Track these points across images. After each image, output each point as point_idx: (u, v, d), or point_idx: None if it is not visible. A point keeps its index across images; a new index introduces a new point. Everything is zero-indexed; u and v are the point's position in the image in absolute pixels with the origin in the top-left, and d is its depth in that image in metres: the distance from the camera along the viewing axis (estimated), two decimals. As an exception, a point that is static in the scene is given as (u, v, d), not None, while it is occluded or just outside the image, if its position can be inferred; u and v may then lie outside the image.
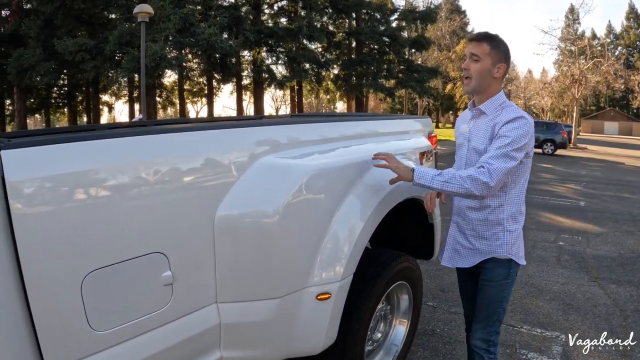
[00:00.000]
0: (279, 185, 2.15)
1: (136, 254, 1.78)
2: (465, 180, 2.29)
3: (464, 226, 2.64)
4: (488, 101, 2.52)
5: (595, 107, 75.23)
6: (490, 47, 2.45)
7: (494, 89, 2.52)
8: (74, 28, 22.42)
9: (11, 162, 1.49)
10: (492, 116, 2.49)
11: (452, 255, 2.73)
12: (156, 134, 1.94)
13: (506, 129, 2.35)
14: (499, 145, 2.33)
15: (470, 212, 2.58)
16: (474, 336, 2.71)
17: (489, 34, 2.50)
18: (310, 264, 2.27)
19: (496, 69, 2.47)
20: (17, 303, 1.52)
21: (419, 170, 2.37)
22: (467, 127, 2.64)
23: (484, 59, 2.44)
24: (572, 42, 38.11)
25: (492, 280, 2.59)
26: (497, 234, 2.54)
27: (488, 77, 2.48)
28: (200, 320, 2.04)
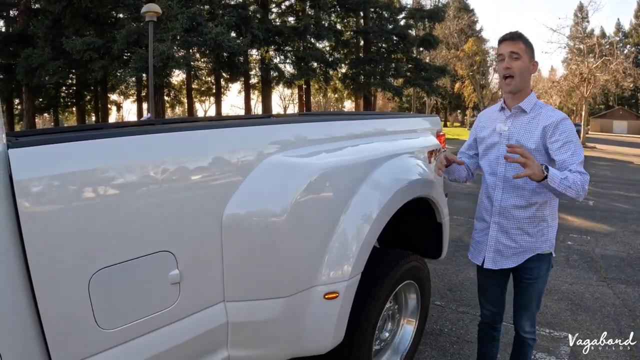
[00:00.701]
0: (286, 184, 2.14)
1: (144, 252, 1.78)
2: (581, 187, 2.34)
3: (508, 226, 2.65)
4: (526, 99, 2.59)
5: (604, 105, 74.84)
6: (525, 45, 2.52)
7: (529, 87, 2.62)
8: (82, 27, 22.49)
9: (19, 161, 1.50)
10: (532, 114, 2.57)
11: (495, 256, 2.73)
12: (164, 133, 1.94)
13: (566, 134, 2.45)
14: (572, 152, 2.42)
15: (516, 210, 2.62)
16: (524, 329, 2.81)
17: (519, 33, 2.58)
18: (318, 263, 2.26)
19: (532, 65, 2.57)
20: (24, 301, 1.52)
21: (552, 172, 2.34)
22: (505, 126, 2.66)
23: (523, 56, 2.51)
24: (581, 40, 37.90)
25: (539, 276, 2.68)
26: (542, 230, 2.62)
27: (527, 74, 2.56)
28: (207, 319, 2.04)
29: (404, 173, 2.83)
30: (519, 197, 2.60)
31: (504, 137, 2.64)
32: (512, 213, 2.62)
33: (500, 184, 2.66)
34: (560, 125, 2.46)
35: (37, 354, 1.57)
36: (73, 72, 26.60)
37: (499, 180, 2.66)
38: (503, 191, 2.65)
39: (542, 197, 2.57)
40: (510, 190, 2.62)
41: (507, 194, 2.64)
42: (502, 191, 2.65)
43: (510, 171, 2.60)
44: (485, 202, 2.76)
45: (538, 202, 2.58)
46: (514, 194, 2.62)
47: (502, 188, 2.65)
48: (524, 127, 2.58)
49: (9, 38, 24.70)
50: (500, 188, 2.66)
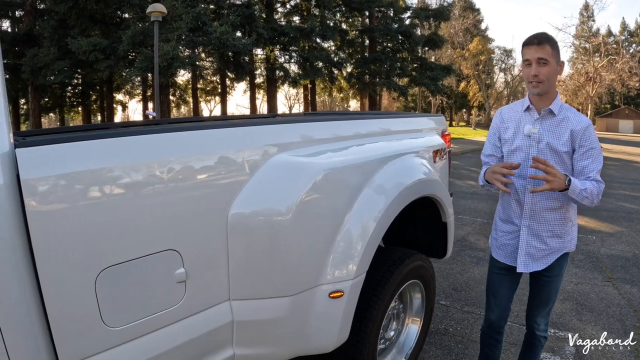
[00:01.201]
0: (292, 184, 2.15)
1: (150, 251, 1.79)
2: (596, 197, 2.47)
3: (539, 228, 2.65)
4: (555, 102, 2.59)
5: (610, 105, 74.55)
6: (552, 48, 2.49)
7: (555, 89, 2.62)
8: (88, 28, 22.59)
9: (26, 160, 1.51)
10: (560, 117, 2.57)
11: (527, 260, 2.70)
12: (169, 132, 1.95)
13: (591, 140, 2.53)
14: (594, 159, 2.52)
15: (548, 213, 2.62)
16: (540, 327, 2.87)
17: (546, 34, 2.53)
18: (323, 262, 2.27)
19: (559, 67, 2.54)
20: (32, 299, 1.53)
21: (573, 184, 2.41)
22: (535, 128, 2.62)
23: (550, 61, 2.48)
24: (587, 39, 37.84)
25: (560, 274, 2.73)
26: (569, 230, 2.68)
27: (555, 77, 2.56)
28: (213, 317, 2.05)
29: (409, 172, 2.84)
30: (551, 199, 2.60)
31: (534, 139, 2.61)
32: (544, 215, 2.63)
33: (530, 187, 2.59)
34: (587, 132, 2.51)
35: (44, 351, 1.58)
36: (79, 72, 26.71)
37: (529, 183, 2.61)
38: (534, 194, 2.61)
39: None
40: (541, 192, 2.57)
41: (538, 197, 2.61)
42: (532, 194, 2.61)
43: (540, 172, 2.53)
44: (514, 206, 2.72)
45: (566, 203, 2.61)
46: (544, 196, 2.60)
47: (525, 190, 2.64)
48: (553, 129, 2.58)
49: (15, 38, 24.81)
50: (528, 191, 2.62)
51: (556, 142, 2.55)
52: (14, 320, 1.50)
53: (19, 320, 1.52)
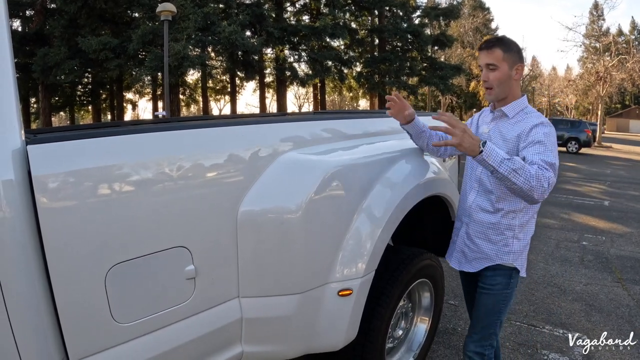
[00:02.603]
0: (301, 182, 2.15)
1: (160, 248, 1.80)
2: (533, 177, 2.08)
3: (473, 228, 2.52)
4: (511, 104, 2.44)
5: (621, 105, 74.17)
6: (503, 52, 2.37)
7: (515, 91, 2.45)
8: (98, 27, 22.68)
9: (37, 157, 1.52)
10: (514, 120, 2.41)
11: (460, 257, 2.63)
12: (179, 130, 1.96)
13: (537, 136, 2.24)
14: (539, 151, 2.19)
15: (482, 214, 2.47)
16: (468, 347, 2.56)
17: (497, 37, 2.44)
18: (332, 260, 2.27)
19: (514, 71, 2.40)
20: (42, 295, 1.54)
21: (490, 147, 2.13)
22: (487, 128, 2.54)
23: (500, 66, 2.37)
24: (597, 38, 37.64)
25: (492, 289, 2.48)
26: (506, 240, 2.43)
27: (508, 81, 2.41)
28: (222, 314, 2.06)
29: (418, 171, 2.83)
30: (486, 201, 2.46)
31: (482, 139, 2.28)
32: (477, 215, 2.49)
33: (476, 186, 2.52)
34: (534, 130, 2.28)
35: (54, 347, 1.59)
36: (89, 71, 26.83)
37: (475, 182, 2.53)
38: (477, 194, 2.51)
39: (510, 204, 2.39)
40: (482, 193, 2.48)
41: (479, 197, 2.49)
42: (476, 193, 2.52)
43: (485, 172, 2.44)
44: (462, 202, 2.64)
45: (504, 209, 2.40)
46: (484, 197, 2.47)
47: (477, 190, 2.52)
48: (501, 132, 2.44)
49: (26, 37, 24.92)
50: (475, 190, 2.53)
51: (500, 145, 2.39)
52: (24, 316, 1.51)
53: (29, 316, 1.53)
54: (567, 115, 62.06)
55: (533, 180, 2.08)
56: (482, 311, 2.50)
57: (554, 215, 8.87)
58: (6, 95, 1.50)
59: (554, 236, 7.28)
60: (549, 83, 65.65)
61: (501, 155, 2.12)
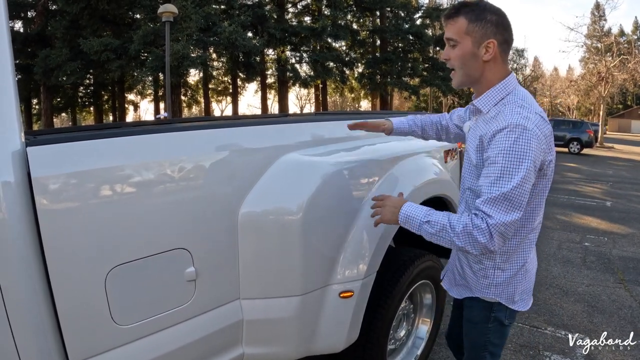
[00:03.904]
0: (302, 183, 2.15)
1: (160, 249, 1.79)
2: (459, 235, 1.70)
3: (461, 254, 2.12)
4: (484, 94, 1.87)
5: (622, 105, 74.15)
6: (468, 21, 1.78)
7: (490, 77, 1.85)
8: (99, 28, 22.72)
9: (37, 158, 1.51)
10: (489, 116, 1.85)
11: (451, 278, 2.25)
12: (179, 132, 1.95)
13: (494, 150, 1.70)
14: (491, 181, 1.68)
15: None
16: None
17: (466, 2, 1.83)
18: (333, 262, 2.26)
19: (483, 48, 1.79)
20: (41, 297, 1.54)
21: (404, 213, 1.85)
22: (468, 126, 2.04)
23: (462, 41, 1.80)
24: (599, 39, 37.60)
25: (471, 321, 2.09)
26: (485, 271, 1.97)
27: (473, 62, 1.82)
28: (223, 316, 2.05)
29: (420, 172, 2.82)
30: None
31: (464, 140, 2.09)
32: None
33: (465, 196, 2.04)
34: (494, 140, 1.72)
35: (54, 349, 1.59)
36: (90, 72, 26.88)
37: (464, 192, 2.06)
38: (466, 205, 2.03)
39: None
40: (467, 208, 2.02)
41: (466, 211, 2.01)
42: (465, 204, 2.05)
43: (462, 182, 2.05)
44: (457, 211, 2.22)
45: None
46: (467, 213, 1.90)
47: (466, 201, 2.04)
48: (475, 132, 1.90)
49: (27, 38, 24.97)
50: (464, 200, 2.05)
51: (471, 150, 1.92)
52: (24, 318, 1.51)
53: (29, 318, 1.52)
54: (568, 115, 62.07)
55: (460, 239, 1.71)
56: (467, 342, 2.17)
57: (556, 216, 8.86)
58: (6, 97, 1.49)
59: (555, 237, 7.26)
60: (551, 84, 65.68)
61: (419, 218, 1.81)
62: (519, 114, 1.70)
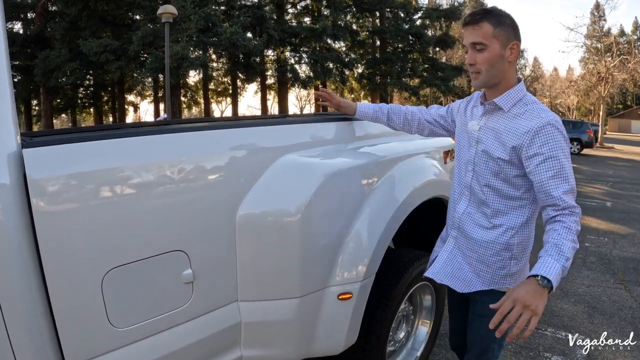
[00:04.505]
0: (301, 184, 2.13)
1: (157, 252, 1.78)
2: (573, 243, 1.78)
3: (463, 244, 2.17)
4: (506, 93, 1.98)
5: (622, 105, 74.19)
6: (494, 26, 1.90)
7: (509, 77, 1.98)
8: (99, 29, 22.73)
9: (33, 160, 1.50)
10: (511, 114, 1.96)
11: (443, 269, 2.23)
12: (177, 133, 1.94)
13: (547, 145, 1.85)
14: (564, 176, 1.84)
15: (475, 229, 2.10)
16: None
17: (486, 9, 1.95)
18: (332, 264, 2.25)
19: (508, 50, 1.93)
20: (38, 299, 1.53)
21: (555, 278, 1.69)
22: (478, 125, 2.08)
23: (490, 44, 1.90)
24: (598, 39, 37.62)
25: (483, 315, 2.08)
26: (503, 262, 2.06)
27: (501, 63, 1.94)
28: (220, 318, 2.03)
29: (420, 173, 2.81)
30: (480, 214, 2.09)
31: (473, 138, 2.10)
32: (470, 231, 2.12)
33: (467, 193, 2.15)
34: (541, 134, 1.86)
35: (50, 352, 1.58)
36: (90, 73, 26.90)
37: (466, 189, 2.15)
38: (469, 203, 2.14)
39: (511, 219, 2.03)
40: (475, 204, 2.12)
41: (471, 207, 2.13)
42: (467, 202, 2.15)
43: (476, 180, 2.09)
44: (451, 210, 2.27)
45: (503, 225, 2.03)
46: (476, 209, 2.11)
47: (468, 199, 2.14)
48: (496, 131, 1.99)
49: (27, 40, 24.96)
50: (466, 198, 2.15)
51: (495, 147, 1.98)
52: (20, 321, 1.49)
53: (25, 321, 1.51)
54: (568, 116, 62.09)
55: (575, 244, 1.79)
56: (477, 338, 2.20)
57: (556, 216, 8.84)
58: (1, 99, 1.48)
59: (556, 237, 7.24)
60: (551, 84, 65.67)
61: (558, 267, 1.72)
62: (549, 112, 1.93)
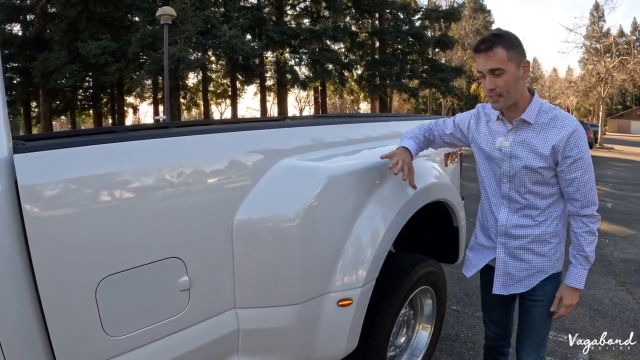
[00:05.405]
0: (299, 189, 2.10)
1: (152, 259, 1.75)
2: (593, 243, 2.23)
3: (514, 245, 2.31)
4: (529, 108, 2.14)
5: (622, 106, 74.25)
6: (507, 49, 2.01)
7: (524, 92, 2.15)
8: (98, 31, 22.68)
9: (24, 165, 1.47)
10: (538, 125, 2.14)
11: (506, 280, 2.37)
12: (173, 137, 1.91)
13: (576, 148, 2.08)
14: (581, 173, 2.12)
15: (523, 230, 2.28)
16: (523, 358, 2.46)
17: (494, 34, 2.06)
18: (331, 269, 2.21)
19: (522, 70, 2.07)
20: (30, 308, 1.50)
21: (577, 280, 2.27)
22: (506, 140, 2.22)
23: (507, 68, 2.02)
24: (598, 39, 37.66)
25: (546, 299, 2.34)
26: (555, 247, 2.32)
27: (518, 83, 2.08)
28: (218, 326, 2.00)
29: (420, 176, 2.77)
30: (525, 217, 2.27)
31: (506, 154, 2.23)
32: (518, 233, 2.28)
33: (505, 202, 2.31)
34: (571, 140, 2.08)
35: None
36: (89, 75, 26.85)
37: (504, 199, 2.31)
38: (509, 211, 2.30)
39: (553, 211, 2.27)
40: (516, 210, 2.28)
41: (513, 215, 2.29)
42: (507, 211, 2.31)
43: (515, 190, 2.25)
44: (490, 219, 2.41)
45: (549, 217, 2.27)
46: (519, 215, 2.28)
47: (508, 207, 2.31)
48: (528, 144, 2.16)
49: (26, 41, 24.91)
50: (505, 207, 2.32)
51: (531, 159, 2.16)
52: (13, 330, 1.47)
53: (18, 330, 1.48)
54: (568, 116, 61.90)
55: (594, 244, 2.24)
56: (538, 322, 2.41)
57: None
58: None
59: (556, 239, 7.21)
60: (550, 85, 65.62)
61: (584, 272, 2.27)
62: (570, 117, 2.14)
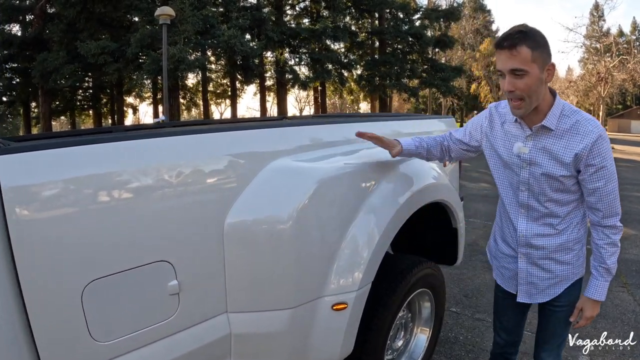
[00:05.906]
0: (293, 190, 2.06)
1: (140, 262, 1.70)
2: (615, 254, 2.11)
3: (537, 255, 2.23)
4: (550, 113, 1.99)
5: (622, 105, 74.16)
6: (532, 49, 1.83)
7: (546, 96, 1.99)
8: (97, 31, 22.70)
9: (8, 167, 1.43)
10: (559, 131, 1.99)
11: (529, 289, 2.31)
12: (162, 137, 1.86)
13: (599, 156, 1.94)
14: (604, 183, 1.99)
15: (544, 240, 2.19)
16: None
17: (520, 30, 1.86)
18: (326, 273, 2.17)
19: (545, 72, 1.90)
20: (15, 313, 1.46)
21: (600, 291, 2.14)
22: (525, 147, 2.09)
23: (530, 70, 1.85)
24: (597, 39, 37.68)
25: (569, 304, 2.28)
26: (578, 253, 2.24)
27: (540, 87, 1.91)
28: (209, 330, 1.96)
29: (418, 177, 2.74)
30: (545, 226, 2.18)
31: (524, 160, 2.11)
32: (539, 243, 2.20)
33: (523, 212, 2.21)
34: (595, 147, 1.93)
35: (28, 369, 1.50)
36: (89, 75, 26.88)
37: (522, 207, 2.21)
38: (528, 219, 2.21)
39: (573, 217, 2.18)
40: (535, 219, 2.20)
41: (532, 224, 2.20)
42: (526, 220, 2.22)
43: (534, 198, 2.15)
44: (509, 228, 2.31)
45: (571, 224, 2.18)
46: (539, 223, 2.19)
47: (526, 216, 2.22)
48: (549, 151, 2.03)
49: (25, 42, 24.91)
50: (524, 216, 2.22)
51: (552, 166, 2.04)
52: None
53: (2, 336, 1.44)
54: (568, 116, 61.89)
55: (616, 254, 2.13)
56: (559, 326, 2.37)
57: (557, 218, 8.78)
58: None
59: (557, 240, 7.17)
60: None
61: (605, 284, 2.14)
62: (594, 122, 1.98)
